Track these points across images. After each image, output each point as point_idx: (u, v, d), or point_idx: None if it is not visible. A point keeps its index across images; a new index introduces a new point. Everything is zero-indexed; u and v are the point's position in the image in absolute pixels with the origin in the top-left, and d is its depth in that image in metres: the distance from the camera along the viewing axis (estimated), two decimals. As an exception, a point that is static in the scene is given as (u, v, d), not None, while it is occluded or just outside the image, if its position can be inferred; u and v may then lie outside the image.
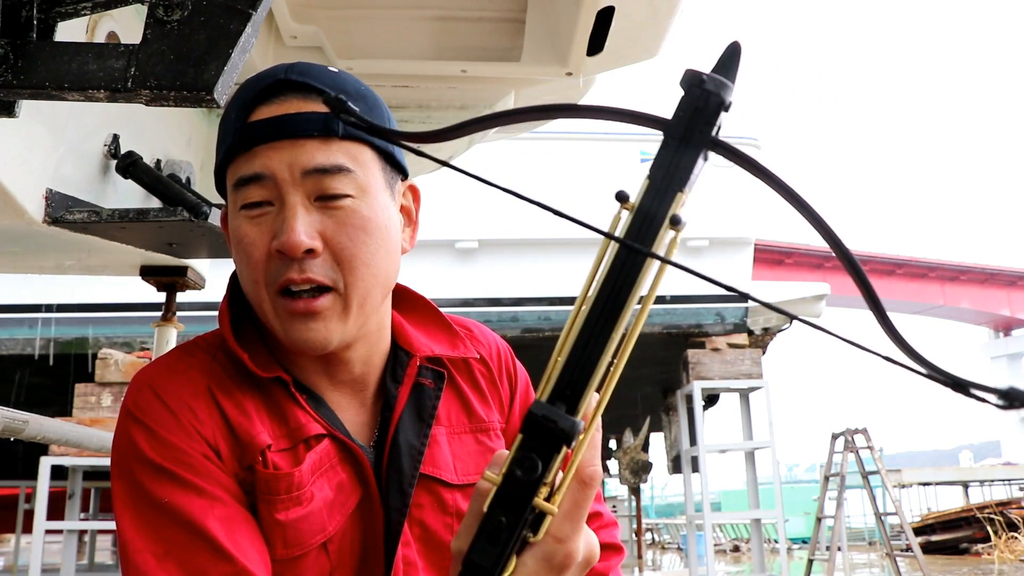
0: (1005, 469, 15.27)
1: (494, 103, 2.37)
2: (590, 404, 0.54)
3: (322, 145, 0.82)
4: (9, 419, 1.92)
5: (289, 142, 0.81)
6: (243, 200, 0.83)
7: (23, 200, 1.55)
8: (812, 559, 7.33)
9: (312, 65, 0.86)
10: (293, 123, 0.81)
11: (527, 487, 0.53)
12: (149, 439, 0.79)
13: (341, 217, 0.82)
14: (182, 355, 0.87)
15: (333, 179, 0.81)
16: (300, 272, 0.80)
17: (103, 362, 5.74)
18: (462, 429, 0.94)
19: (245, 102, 0.84)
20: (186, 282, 2.42)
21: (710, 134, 0.51)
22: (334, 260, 0.82)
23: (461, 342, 0.98)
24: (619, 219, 0.54)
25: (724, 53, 0.52)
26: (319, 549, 0.83)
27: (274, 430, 0.84)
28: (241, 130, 0.83)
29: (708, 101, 0.50)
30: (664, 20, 1.97)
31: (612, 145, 7.84)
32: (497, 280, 7.52)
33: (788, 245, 19.40)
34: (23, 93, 1.07)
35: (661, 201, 0.52)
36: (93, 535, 8.16)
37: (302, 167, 0.81)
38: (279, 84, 0.83)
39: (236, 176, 0.83)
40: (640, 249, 0.52)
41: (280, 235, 0.80)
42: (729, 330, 7.66)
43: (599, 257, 0.54)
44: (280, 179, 0.81)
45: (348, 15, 2.21)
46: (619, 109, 0.51)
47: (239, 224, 0.83)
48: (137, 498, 0.78)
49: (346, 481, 0.86)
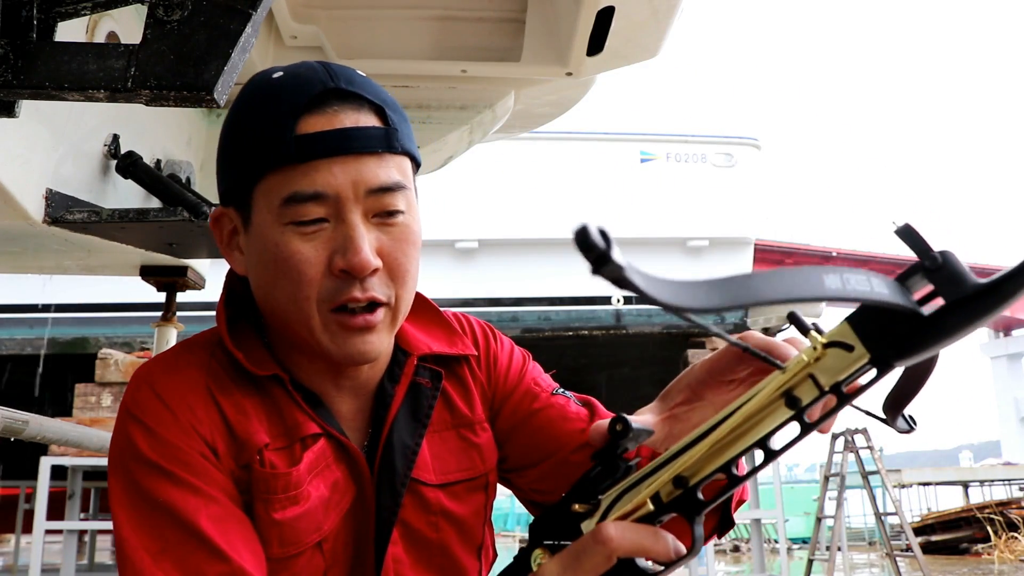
0: (1005, 469, 15.27)
1: (494, 103, 2.37)
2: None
3: (380, 161, 0.81)
4: (9, 419, 1.92)
5: (353, 158, 0.79)
6: (297, 217, 0.79)
7: (23, 200, 1.55)
8: (812, 559, 7.32)
9: (346, 69, 0.84)
10: (356, 138, 0.79)
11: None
12: (147, 437, 0.79)
13: (396, 234, 0.82)
14: (181, 353, 0.87)
15: (391, 196, 0.81)
16: (363, 291, 0.80)
17: (103, 362, 5.74)
18: (443, 427, 0.94)
19: (290, 110, 0.79)
20: (186, 282, 2.42)
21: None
22: (389, 276, 0.82)
23: (460, 339, 0.98)
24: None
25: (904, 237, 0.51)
26: (314, 548, 0.84)
27: (271, 428, 0.84)
28: (293, 142, 0.78)
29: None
30: (664, 20, 1.97)
31: (612, 145, 7.84)
32: (497, 280, 7.52)
33: (788, 245, 19.40)
34: (23, 93, 1.07)
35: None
36: (93, 535, 8.15)
37: (367, 186, 0.80)
38: (328, 93, 0.80)
39: (288, 191, 0.79)
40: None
41: (347, 254, 0.79)
42: (729, 330, 7.63)
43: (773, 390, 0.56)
44: (343, 197, 0.79)
45: (348, 15, 2.21)
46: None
47: (287, 240, 0.80)
48: (133, 496, 0.78)
49: (341, 480, 0.86)
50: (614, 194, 7.62)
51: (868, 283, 0.46)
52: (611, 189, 7.64)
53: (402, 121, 0.84)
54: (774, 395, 0.56)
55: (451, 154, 2.54)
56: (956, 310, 0.47)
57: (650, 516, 0.60)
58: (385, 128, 0.81)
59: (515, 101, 2.44)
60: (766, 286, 0.43)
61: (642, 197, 7.63)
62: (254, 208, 0.82)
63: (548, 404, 0.97)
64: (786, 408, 0.55)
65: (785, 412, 0.55)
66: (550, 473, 0.95)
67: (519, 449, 0.97)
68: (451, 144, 2.44)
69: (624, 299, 7.51)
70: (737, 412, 0.57)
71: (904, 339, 0.50)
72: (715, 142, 7.94)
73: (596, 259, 0.38)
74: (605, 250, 0.38)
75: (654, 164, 7.76)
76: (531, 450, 0.96)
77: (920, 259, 0.48)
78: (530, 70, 2.21)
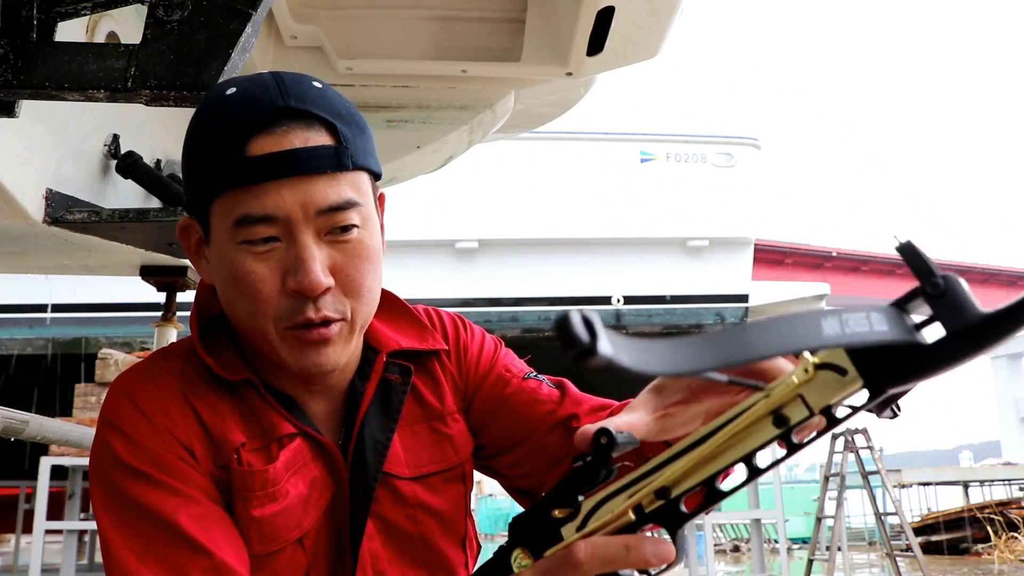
0: (1005, 469, 15.24)
1: (494, 103, 2.37)
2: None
3: (331, 180, 0.79)
4: (9, 419, 1.92)
5: (302, 179, 0.78)
6: (249, 237, 0.79)
7: (23, 200, 1.55)
8: (812, 559, 7.32)
9: (298, 81, 0.82)
10: (305, 159, 0.78)
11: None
12: (125, 443, 0.81)
13: (349, 250, 0.82)
14: (156, 361, 0.89)
15: (343, 214, 0.80)
16: (317, 311, 0.80)
17: (103, 362, 5.74)
18: (415, 420, 0.95)
19: (236, 131, 0.78)
20: (186, 282, 2.43)
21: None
22: (343, 292, 0.82)
23: (430, 335, 0.98)
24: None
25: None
26: (295, 544, 0.85)
27: (247, 430, 0.85)
28: (242, 164, 0.78)
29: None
30: (664, 20, 1.97)
31: (612, 145, 7.84)
32: (497, 280, 7.52)
33: (788, 245, 19.40)
34: (23, 93, 1.07)
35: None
36: (93, 535, 8.16)
37: (316, 207, 0.79)
38: (278, 112, 0.79)
39: (238, 214, 0.79)
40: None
41: (297, 275, 0.79)
42: (728, 330, 7.65)
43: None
44: (293, 219, 0.79)
45: (348, 15, 2.22)
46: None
47: (240, 259, 0.80)
48: (115, 500, 0.80)
49: (319, 477, 0.87)
50: (614, 194, 7.62)
51: (867, 322, 0.46)
52: (611, 189, 7.64)
53: (358, 135, 0.82)
54: (762, 413, 0.56)
55: (451, 154, 2.55)
56: (956, 340, 0.46)
57: (631, 526, 0.60)
58: (335, 146, 0.80)
59: (515, 101, 2.44)
60: (762, 340, 0.42)
61: (642, 197, 7.63)
62: (212, 224, 0.83)
63: (520, 389, 0.98)
64: (773, 427, 0.55)
65: (772, 431, 0.55)
66: (526, 457, 0.96)
67: (494, 435, 0.98)
68: (451, 144, 2.44)
69: (624, 299, 7.52)
70: (724, 428, 0.57)
71: (900, 366, 0.49)
72: (715, 142, 7.94)
73: (579, 354, 0.37)
74: (590, 344, 0.36)
75: (654, 164, 7.76)
76: (506, 435, 0.97)
77: (921, 283, 0.47)
78: (530, 70, 2.21)
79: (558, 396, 0.97)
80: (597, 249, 7.61)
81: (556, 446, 0.94)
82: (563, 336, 0.37)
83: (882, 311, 0.47)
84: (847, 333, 0.45)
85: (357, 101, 2.32)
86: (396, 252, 6.67)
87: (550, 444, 0.94)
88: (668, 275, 7.64)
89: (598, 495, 0.62)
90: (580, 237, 7.59)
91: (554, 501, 0.64)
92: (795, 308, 8.00)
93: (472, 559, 0.98)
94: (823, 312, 0.45)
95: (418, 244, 7.24)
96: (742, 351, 0.41)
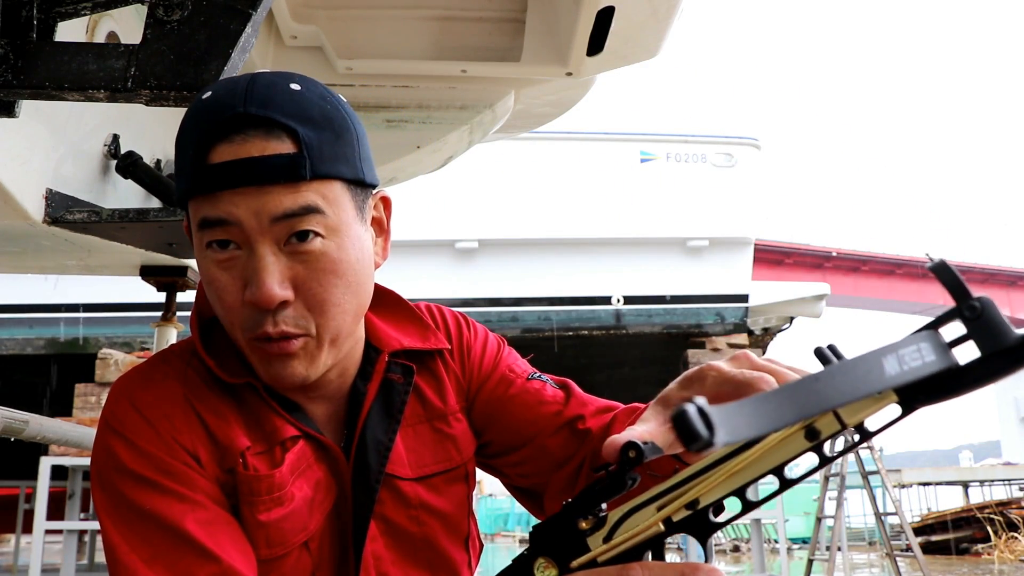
0: (1005, 469, 15.25)
1: (494, 103, 2.37)
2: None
3: (290, 189, 0.77)
4: (9, 419, 1.92)
5: (255, 188, 0.76)
6: (209, 238, 0.79)
7: (23, 200, 1.55)
8: (812, 559, 7.32)
9: (271, 84, 0.79)
10: (258, 168, 0.76)
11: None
12: (128, 450, 0.80)
13: (311, 261, 0.79)
14: (158, 364, 0.87)
15: (302, 221, 0.78)
16: (274, 325, 0.79)
17: (103, 362, 5.74)
18: (417, 420, 0.94)
19: (201, 137, 0.78)
20: (186, 282, 2.43)
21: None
22: (306, 307, 0.80)
23: (432, 334, 0.97)
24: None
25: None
26: (301, 548, 0.85)
27: (251, 433, 0.85)
28: (204, 172, 0.77)
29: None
30: (664, 20, 1.97)
31: (612, 145, 7.84)
32: (497, 280, 7.52)
33: (788, 245, 19.39)
34: (23, 93, 1.07)
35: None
36: (93, 535, 8.15)
37: (270, 215, 0.77)
38: (237, 119, 0.76)
39: (199, 216, 0.79)
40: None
41: (252, 287, 0.78)
42: (729, 330, 7.66)
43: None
44: (248, 227, 0.77)
45: (348, 15, 2.22)
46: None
47: (208, 266, 0.81)
48: (120, 506, 0.79)
49: (323, 479, 0.87)
50: (614, 194, 7.63)
51: (919, 355, 0.48)
52: (611, 189, 7.64)
53: (331, 141, 0.79)
54: (795, 427, 0.57)
55: (451, 154, 2.55)
56: (992, 361, 0.48)
57: (660, 536, 0.61)
58: (292, 155, 0.76)
59: (515, 101, 2.44)
60: (832, 390, 0.44)
61: (642, 197, 7.63)
62: (192, 231, 0.83)
63: (524, 389, 0.97)
64: (805, 440, 0.56)
65: (804, 443, 0.56)
66: (530, 457, 0.96)
67: (498, 435, 0.98)
68: (451, 144, 2.44)
69: (624, 299, 7.52)
70: (758, 443, 0.58)
71: (935, 384, 0.50)
72: (715, 142, 7.95)
73: (700, 448, 0.38)
74: (710, 438, 0.38)
75: (654, 164, 7.76)
76: (509, 435, 0.97)
77: (958, 304, 0.49)
78: (530, 70, 2.21)
79: (563, 397, 0.97)
80: (597, 249, 7.61)
81: (562, 447, 0.94)
82: (683, 432, 0.38)
83: (928, 340, 0.49)
84: (905, 371, 0.47)
85: (357, 101, 2.33)
86: (396, 252, 6.65)
87: (555, 445, 0.93)
88: (668, 275, 7.64)
89: (623, 506, 0.63)
90: (580, 237, 7.59)
91: (577, 510, 0.64)
92: (795, 308, 8.00)
93: (475, 558, 0.98)
94: (881, 352, 0.46)
95: (418, 244, 7.24)
96: (816, 403, 0.43)
